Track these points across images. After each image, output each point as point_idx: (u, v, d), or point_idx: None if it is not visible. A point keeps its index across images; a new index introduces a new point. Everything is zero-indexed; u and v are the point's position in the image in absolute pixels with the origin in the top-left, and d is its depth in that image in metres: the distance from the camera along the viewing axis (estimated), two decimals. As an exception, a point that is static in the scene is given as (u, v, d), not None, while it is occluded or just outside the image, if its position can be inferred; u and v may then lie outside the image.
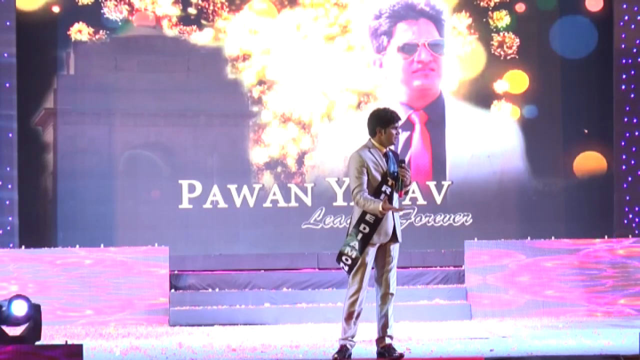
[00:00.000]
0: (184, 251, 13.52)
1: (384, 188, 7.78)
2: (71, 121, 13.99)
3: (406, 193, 7.98)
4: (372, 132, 7.90)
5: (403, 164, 7.82)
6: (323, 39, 14.30)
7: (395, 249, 7.88)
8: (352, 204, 7.88)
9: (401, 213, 7.97)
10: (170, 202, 13.96)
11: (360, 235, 7.75)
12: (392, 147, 7.98)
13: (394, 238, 7.84)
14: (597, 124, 14.46)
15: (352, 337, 7.85)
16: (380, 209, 7.65)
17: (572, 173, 14.46)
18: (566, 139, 14.48)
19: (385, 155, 7.86)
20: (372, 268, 7.93)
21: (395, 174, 7.77)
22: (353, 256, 7.75)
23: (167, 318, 12.07)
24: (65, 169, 13.87)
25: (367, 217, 7.75)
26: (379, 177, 7.79)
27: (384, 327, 7.85)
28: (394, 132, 7.84)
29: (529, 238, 12.82)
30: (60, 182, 13.83)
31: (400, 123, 7.93)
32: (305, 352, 8.83)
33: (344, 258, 7.77)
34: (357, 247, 7.73)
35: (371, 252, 7.80)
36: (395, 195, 7.80)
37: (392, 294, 7.85)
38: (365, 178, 7.78)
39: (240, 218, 14.09)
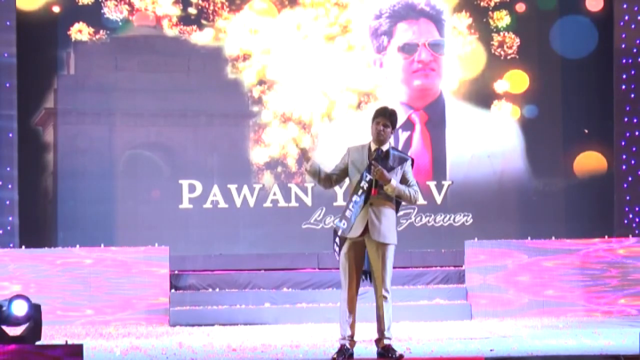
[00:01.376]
0: (184, 251, 13.52)
1: (362, 184, 7.79)
2: (71, 121, 13.99)
3: (400, 195, 7.82)
4: None
5: (373, 162, 7.79)
6: (323, 39, 14.30)
7: (382, 250, 7.79)
8: None
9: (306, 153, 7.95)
10: (170, 202, 13.97)
11: (340, 231, 7.83)
12: (387, 145, 7.88)
13: (370, 236, 7.77)
14: (597, 124, 14.46)
15: (351, 336, 7.84)
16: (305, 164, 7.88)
17: (572, 173, 14.46)
18: (566, 139, 14.48)
19: (376, 152, 7.83)
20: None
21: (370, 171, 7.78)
22: (337, 251, 7.86)
23: (167, 318, 12.07)
24: (65, 169, 13.87)
25: (347, 213, 7.80)
26: (358, 173, 7.84)
27: (380, 329, 7.84)
28: (374, 127, 7.85)
29: (529, 238, 12.82)
30: (60, 182, 13.84)
31: (382, 118, 7.83)
32: (305, 352, 8.83)
33: (335, 254, 7.90)
34: (338, 242, 7.83)
35: (351, 249, 7.81)
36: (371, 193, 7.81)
37: (384, 296, 7.79)
38: (340, 165, 7.94)
39: (240, 218, 14.09)
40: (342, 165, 7.97)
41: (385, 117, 7.87)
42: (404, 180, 7.88)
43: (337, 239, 7.86)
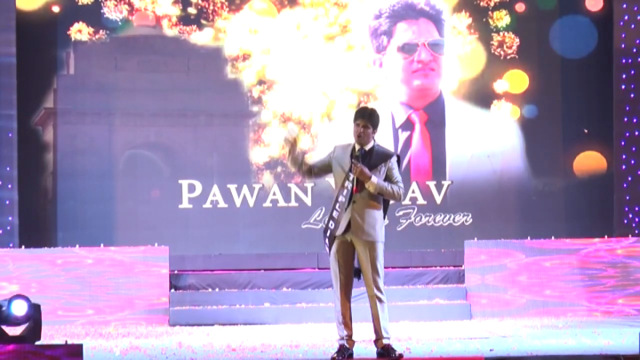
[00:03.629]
0: (184, 251, 13.52)
1: (346, 184, 7.79)
2: (71, 121, 13.99)
3: (382, 192, 7.78)
4: None
5: (353, 161, 7.79)
6: (323, 39, 14.30)
7: (369, 249, 7.77)
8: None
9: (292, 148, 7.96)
10: (170, 202, 13.97)
11: (329, 232, 7.83)
12: (370, 144, 7.87)
13: (354, 234, 7.76)
14: (597, 124, 14.46)
15: (349, 336, 7.83)
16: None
17: (572, 173, 14.46)
18: (566, 139, 14.48)
19: (359, 151, 7.82)
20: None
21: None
22: (329, 252, 7.86)
23: (167, 318, 12.07)
24: (65, 169, 13.87)
25: (334, 213, 7.79)
26: (342, 172, 7.83)
27: (377, 329, 7.82)
28: (354, 128, 7.86)
29: (528, 238, 12.82)
30: (60, 182, 13.84)
31: (360, 120, 7.84)
32: (305, 352, 8.83)
33: (328, 253, 7.90)
34: (328, 242, 7.82)
35: (340, 249, 7.80)
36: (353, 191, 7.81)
37: (376, 296, 7.76)
38: (325, 159, 7.96)
39: (240, 218, 14.09)
40: (327, 159, 7.96)
41: (364, 119, 7.86)
42: (389, 177, 7.86)
43: (327, 240, 7.85)
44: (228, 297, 12.50)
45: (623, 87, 14.00)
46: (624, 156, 13.97)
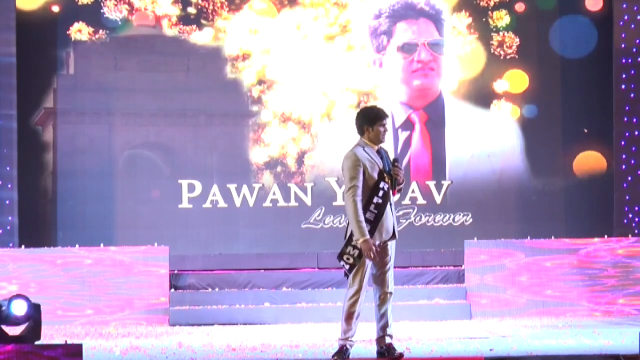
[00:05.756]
0: (184, 251, 13.52)
1: (382, 185, 7.72)
2: (71, 121, 13.99)
3: (399, 192, 7.90)
4: (361, 132, 7.87)
5: (396, 163, 7.80)
6: (323, 39, 14.30)
7: (392, 247, 7.85)
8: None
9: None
10: (170, 202, 13.97)
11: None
12: (382, 146, 7.94)
13: (393, 236, 7.82)
14: (597, 124, 14.45)
15: (352, 337, 7.85)
16: (361, 241, 7.54)
17: (572, 173, 14.46)
18: (566, 139, 14.48)
19: (379, 153, 7.85)
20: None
21: (390, 172, 7.76)
22: (356, 255, 7.67)
23: (167, 318, 12.07)
24: (65, 169, 13.87)
25: (368, 215, 7.70)
26: (375, 176, 7.74)
27: (383, 327, 7.83)
28: (381, 129, 7.79)
29: (528, 238, 12.82)
30: (60, 182, 13.84)
31: (387, 120, 7.86)
32: (305, 352, 8.83)
33: (345, 257, 7.72)
34: (359, 246, 7.69)
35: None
36: (391, 193, 7.80)
37: (391, 294, 7.82)
38: (361, 178, 7.68)
39: (240, 218, 14.09)
40: (364, 175, 7.69)
41: (388, 119, 7.86)
42: None
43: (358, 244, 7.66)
44: (228, 297, 12.50)
45: (623, 87, 14.00)
46: (624, 156, 13.97)
